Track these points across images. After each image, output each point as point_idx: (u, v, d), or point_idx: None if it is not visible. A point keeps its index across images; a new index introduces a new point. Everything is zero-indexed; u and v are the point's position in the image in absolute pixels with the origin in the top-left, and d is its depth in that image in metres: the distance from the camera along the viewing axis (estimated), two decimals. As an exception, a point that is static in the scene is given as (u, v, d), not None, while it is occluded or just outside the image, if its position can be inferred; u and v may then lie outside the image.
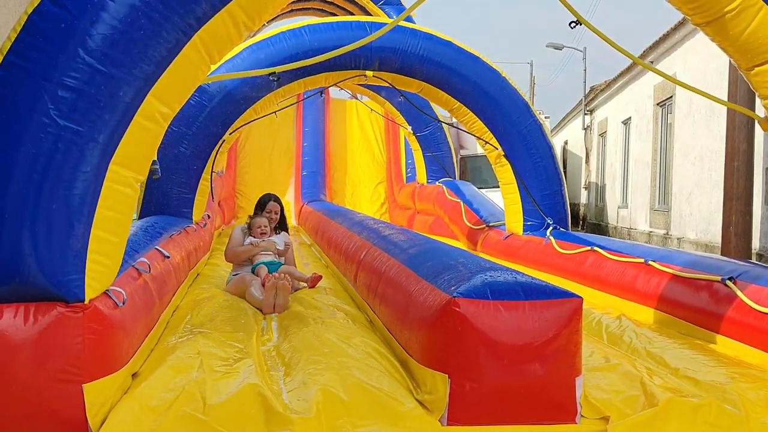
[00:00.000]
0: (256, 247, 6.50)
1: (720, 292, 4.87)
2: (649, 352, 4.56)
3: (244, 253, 6.55)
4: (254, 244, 6.52)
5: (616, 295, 6.16)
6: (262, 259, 6.45)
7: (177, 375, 3.75)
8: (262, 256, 6.49)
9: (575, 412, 3.44)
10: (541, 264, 7.78)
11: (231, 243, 6.68)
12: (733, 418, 3.44)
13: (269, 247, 6.55)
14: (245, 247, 6.58)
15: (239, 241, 6.63)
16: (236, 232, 6.78)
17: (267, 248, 6.53)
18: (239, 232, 6.76)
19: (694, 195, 14.05)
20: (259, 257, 6.49)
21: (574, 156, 27.87)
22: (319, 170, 15.23)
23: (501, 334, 3.35)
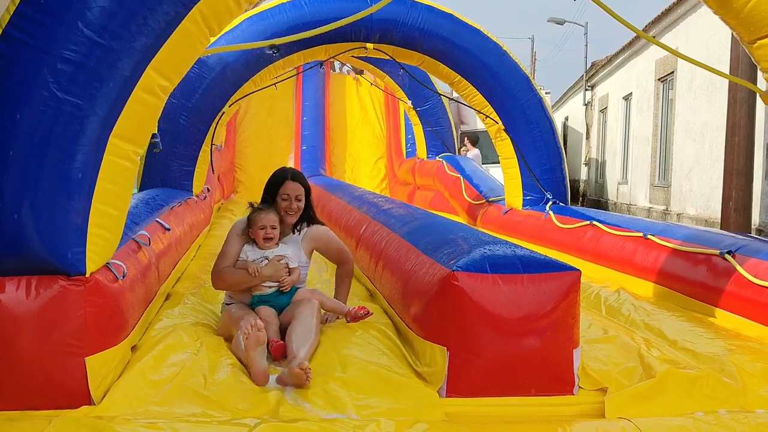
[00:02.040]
0: (256, 279, 4.13)
1: (719, 265, 4.89)
2: (648, 325, 4.60)
3: (235, 283, 4.20)
4: (253, 271, 4.12)
5: (615, 268, 6.19)
6: (263, 290, 4.19)
7: (178, 350, 3.77)
8: (266, 288, 4.20)
9: (573, 384, 3.48)
10: (541, 238, 7.80)
11: (221, 258, 4.27)
12: (730, 390, 3.47)
13: (276, 274, 4.15)
14: (238, 276, 4.16)
15: (233, 254, 4.25)
16: (231, 236, 4.33)
17: (273, 276, 4.15)
18: (235, 236, 4.32)
19: (694, 171, 14.04)
20: (257, 287, 4.21)
21: (574, 132, 27.80)
22: (318, 145, 15.19)
23: (499, 308, 3.37)
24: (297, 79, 15.45)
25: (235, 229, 4.35)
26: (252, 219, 4.20)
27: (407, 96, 13.41)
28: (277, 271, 4.13)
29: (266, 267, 4.14)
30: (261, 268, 4.11)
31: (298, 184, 4.37)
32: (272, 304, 4.13)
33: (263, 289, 4.18)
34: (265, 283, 4.16)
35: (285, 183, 4.35)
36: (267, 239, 4.18)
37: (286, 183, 4.35)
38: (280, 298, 4.18)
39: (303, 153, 15.02)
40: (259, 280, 4.11)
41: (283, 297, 4.17)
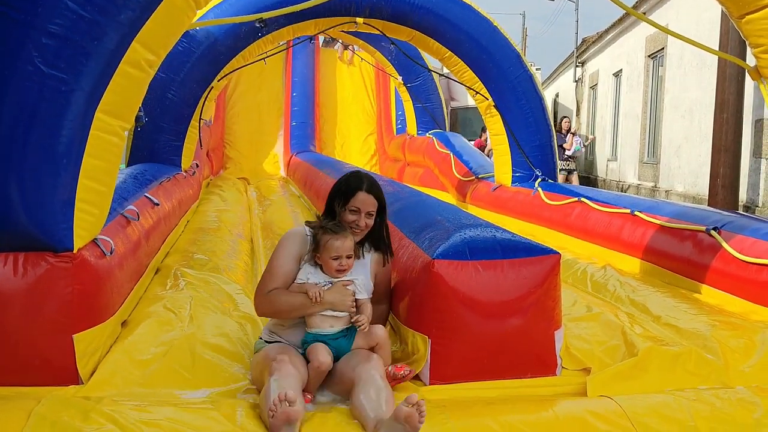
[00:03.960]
0: (317, 305, 3.27)
1: (704, 242, 4.92)
2: (633, 301, 4.63)
3: (288, 309, 3.31)
4: (315, 295, 3.25)
5: (602, 245, 6.22)
6: (326, 329, 3.31)
7: (166, 328, 3.77)
8: (324, 319, 3.31)
9: (555, 365, 3.48)
10: (530, 215, 7.83)
11: (270, 277, 3.38)
12: (712, 366, 3.50)
13: (341, 302, 3.31)
14: (292, 300, 3.29)
15: (287, 275, 3.36)
16: (284, 252, 3.41)
17: (336, 303, 3.30)
18: (291, 253, 3.40)
19: (682, 148, 14.07)
20: (317, 320, 3.31)
21: (565, 109, 27.76)
22: (308, 121, 15.13)
23: (479, 294, 3.34)
24: (287, 54, 15.36)
25: (289, 243, 3.40)
26: (324, 245, 3.29)
27: (398, 72, 13.36)
28: (343, 299, 3.29)
29: (329, 291, 3.28)
30: (323, 292, 3.27)
31: (373, 197, 3.46)
32: (329, 347, 3.24)
33: (322, 325, 3.29)
34: (326, 316, 3.29)
35: (357, 194, 3.42)
36: (340, 271, 3.33)
37: (358, 194, 3.42)
38: (341, 341, 3.29)
39: (293, 129, 14.98)
40: (319, 308, 3.25)
41: (344, 341, 3.30)
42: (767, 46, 3.78)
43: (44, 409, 2.69)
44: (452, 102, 18.38)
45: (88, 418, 2.65)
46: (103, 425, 2.62)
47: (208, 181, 11.57)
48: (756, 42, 3.82)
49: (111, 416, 2.67)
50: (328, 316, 3.29)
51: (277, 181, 13.29)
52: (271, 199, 10.25)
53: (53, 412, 2.69)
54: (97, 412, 2.70)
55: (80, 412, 2.69)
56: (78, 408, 2.73)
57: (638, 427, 2.86)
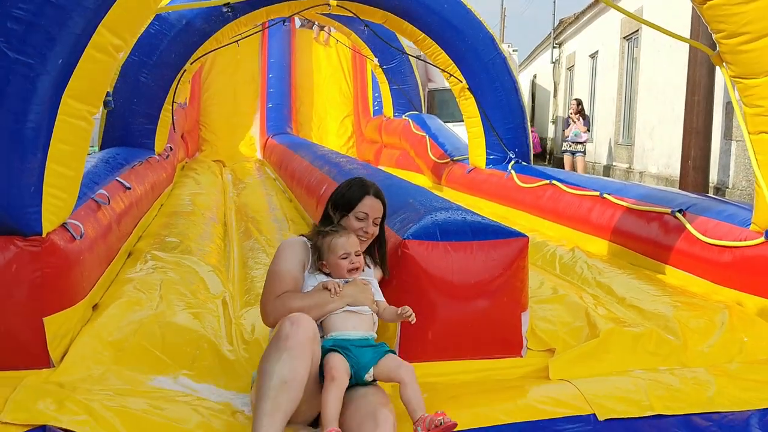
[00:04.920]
0: (337, 299, 2.99)
1: (670, 223, 5.01)
2: (599, 283, 4.72)
3: (307, 308, 2.92)
4: (334, 288, 3.00)
5: (572, 227, 6.31)
6: (348, 330, 2.97)
7: (136, 308, 3.80)
8: (346, 318, 2.99)
9: (521, 346, 3.56)
10: (503, 198, 7.90)
11: (276, 281, 3.08)
12: (671, 347, 3.60)
13: (361, 296, 3.06)
14: (309, 298, 2.99)
15: (295, 278, 3.08)
16: (290, 254, 3.15)
17: (357, 298, 3.04)
18: (296, 256, 3.14)
19: (656, 129, 14.21)
20: (338, 320, 2.99)
21: (542, 90, 27.86)
22: (284, 102, 15.08)
23: (449, 274, 3.41)
24: (262, 35, 15.28)
25: (290, 249, 3.13)
26: (331, 246, 3.04)
27: (374, 54, 13.35)
28: (362, 293, 3.05)
29: (349, 285, 3.04)
30: (343, 286, 3.02)
31: (380, 202, 3.26)
32: (350, 354, 2.85)
33: (344, 326, 2.95)
34: (349, 312, 2.99)
35: (364, 198, 3.21)
36: (353, 270, 3.07)
37: (365, 199, 3.21)
38: (367, 351, 2.89)
39: (269, 111, 14.93)
40: (340, 302, 2.97)
41: (370, 351, 2.90)
42: (728, 32, 3.85)
43: (20, 397, 2.72)
44: (429, 84, 18.37)
45: (63, 407, 2.68)
46: (78, 414, 2.65)
47: (183, 164, 11.53)
48: (717, 27, 3.89)
49: (86, 405, 2.71)
50: (351, 311, 2.97)
51: (253, 164, 13.27)
52: (246, 182, 10.25)
53: (28, 399, 2.72)
54: (72, 400, 2.73)
55: (55, 400, 2.72)
56: (53, 396, 2.76)
57: (596, 408, 2.93)
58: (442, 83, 18.20)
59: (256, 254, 5.33)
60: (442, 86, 18.00)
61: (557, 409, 2.91)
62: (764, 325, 3.87)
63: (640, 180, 14.50)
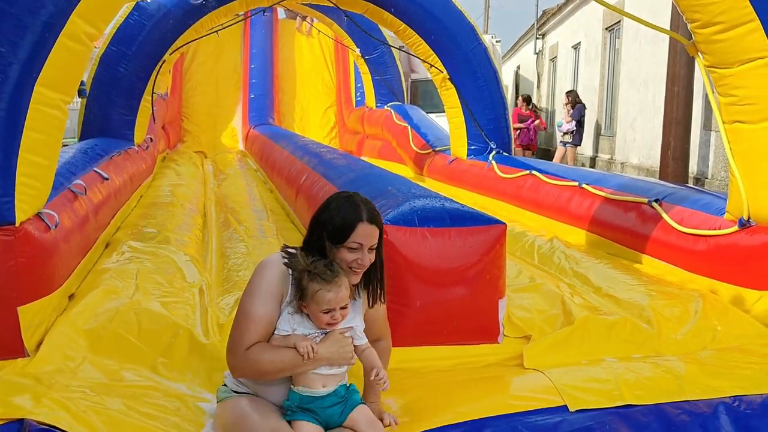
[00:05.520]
0: (309, 363, 2.63)
1: (647, 213, 5.04)
2: (575, 272, 4.75)
3: (274, 371, 2.65)
4: (307, 351, 2.61)
5: (552, 217, 6.33)
6: (317, 389, 2.67)
7: (112, 297, 3.79)
8: (316, 378, 2.67)
9: (498, 333, 3.59)
10: (484, 188, 7.92)
11: (246, 325, 2.67)
12: (645, 335, 3.63)
13: (340, 354, 2.68)
14: (278, 358, 2.63)
15: (266, 322, 2.68)
16: (265, 287, 2.71)
17: (334, 358, 2.67)
18: (272, 288, 2.71)
19: (637, 120, 14.27)
20: (307, 378, 2.67)
21: (526, 81, 27.90)
22: (267, 93, 15.02)
23: (427, 260, 3.44)
24: (244, 26, 15.20)
25: (266, 280, 2.70)
26: (316, 297, 2.62)
27: (356, 44, 13.31)
28: (341, 351, 2.66)
29: (324, 343, 2.65)
30: (316, 345, 2.63)
31: (376, 227, 2.76)
32: (318, 417, 2.64)
33: (313, 385, 2.65)
34: (319, 375, 2.66)
35: (357, 227, 2.70)
36: (331, 324, 2.69)
37: (359, 227, 2.70)
38: (334, 411, 2.66)
39: (251, 101, 14.86)
40: (312, 365, 2.62)
41: (337, 408, 2.67)
42: (702, 21, 3.87)
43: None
44: (412, 74, 18.35)
45: (40, 403, 2.67)
46: (55, 411, 2.64)
47: (164, 155, 11.48)
48: (692, 17, 3.92)
49: (63, 403, 2.70)
50: (323, 374, 2.65)
51: (234, 155, 13.22)
52: (227, 173, 10.22)
53: (5, 393, 2.71)
54: (49, 398, 2.72)
55: (33, 397, 2.71)
56: (30, 392, 2.75)
57: (567, 399, 2.92)
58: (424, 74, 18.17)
59: (235, 244, 5.33)
60: (425, 77, 17.99)
61: (529, 403, 2.91)
62: (737, 312, 3.91)
63: (621, 171, 14.56)
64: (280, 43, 15.89)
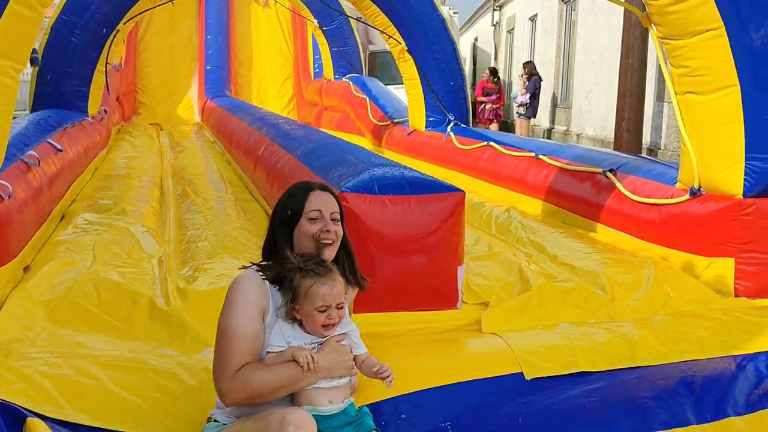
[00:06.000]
0: (310, 375, 2.40)
1: (601, 183, 5.13)
2: (532, 241, 4.82)
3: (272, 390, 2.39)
4: (307, 362, 2.38)
5: (509, 188, 6.40)
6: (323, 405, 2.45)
7: (69, 268, 3.75)
8: (320, 393, 2.45)
9: (457, 299, 3.65)
10: (442, 159, 7.96)
11: (232, 345, 2.41)
12: (600, 301, 3.72)
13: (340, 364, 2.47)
14: (275, 375, 2.39)
15: (254, 338, 2.44)
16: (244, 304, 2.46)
17: (334, 368, 2.46)
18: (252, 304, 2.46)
19: (593, 92, 14.43)
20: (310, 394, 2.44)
21: (483, 53, 27.96)
22: (223, 65, 14.81)
23: (387, 227, 3.48)
24: (198, -5, 14.96)
25: (244, 296, 2.46)
26: (310, 292, 2.41)
27: (314, 15, 13.19)
28: (341, 360, 2.46)
29: (322, 352, 2.43)
30: (316, 355, 2.41)
31: (331, 195, 2.66)
32: None
33: (319, 401, 2.42)
34: (322, 388, 2.43)
35: (309, 195, 2.61)
36: (329, 326, 2.46)
37: (310, 195, 2.61)
38: (345, 430, 2.44)
39: (207, 73, 14.66)
40: (313, 378, 2.40)
41: (348, 430, 2.44)
42: (656, -7, 3.93)
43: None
44: (370, 46, 18.26)
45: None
46: (15, 383, 2.60)
47: (119, 127, 11.30)
48: (645, -12, 3.98)
49: (22, 373, 2.66)
50: (325, 388, 2.42)
51: (191, 127, 13.07)
52: (183, 145, 10.11)
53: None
54: (7, 367, 2.68)
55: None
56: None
57: (524, 366, 2.95)
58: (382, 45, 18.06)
59: (193, 215, 5.29)
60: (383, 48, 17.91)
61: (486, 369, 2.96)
62: (688, 279, 4.02)
63: (577, 142, 14.74)
64: (236, 14, 15.65)
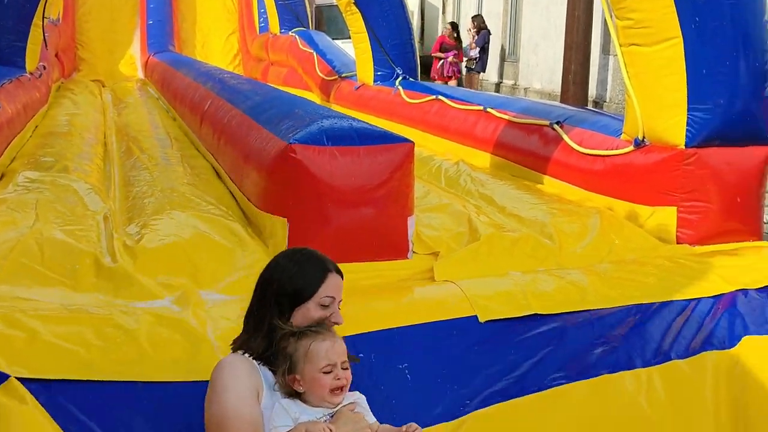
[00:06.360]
0: None
1: (548, 135, 5.18)
2: (481, 194, 4.86)
3: None
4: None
5: (458, 141, 6.43)
6: None
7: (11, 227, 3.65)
8: None
9: (407, 249, 3.69)
10: (391, 114, 7.93)
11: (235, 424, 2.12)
12: (547, 249, 3.80)
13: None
14: None
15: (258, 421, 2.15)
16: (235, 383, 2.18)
17: None
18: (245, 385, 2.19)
19: (540, 46, 14.51)
20: None
21: (431, 7, 27.74)
22: (165, 19, 14.42)
23: (336, 179, 3.48)
24: (140, -55, 14.48)
25: (234, 377, 2.18)
26: (309, 353, 2.19)
27: (257, -33, 12.93)
28: (356, 427, 2.21)
29: (337, 423, 2.17)
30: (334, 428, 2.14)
31: (341, 277, 2.41)
32: None
33: None
34: None
35: (328, 277, 2.33)
36: (337, 390, 2.22)
37: (329, 277, 2.33)
38: None
39: (149, 28, 14.26)
40: None
41: None
42: (602, -56, 3.95)
43: None
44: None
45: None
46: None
47: (59, 84, 10.97)
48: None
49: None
50: None
51: (134, 84, 12.76)
52: (126, 102, 9.88)
53: None
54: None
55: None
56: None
57: (478, 310, 3.03)
58: (329, -1, 17.89)
59: (139, 172, 5.20)
60: (330, 2, 17.70)
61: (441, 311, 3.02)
62: (632, 227, 4.11)
63: (525, 96, 14.83)
64: (177, -35, 15.22)
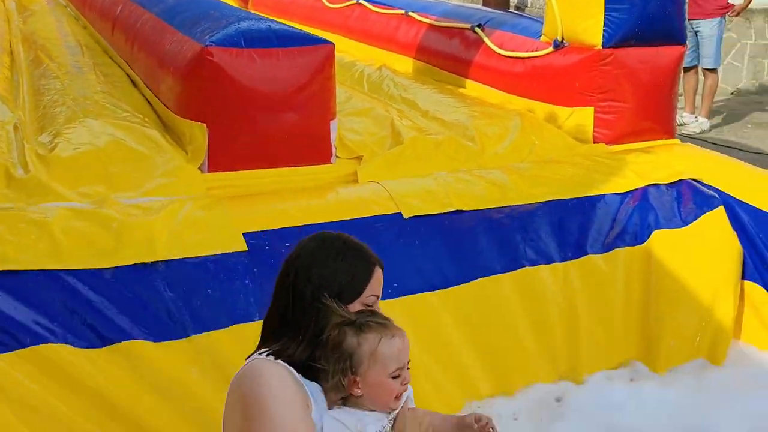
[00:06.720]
0: None
1: (470, 39, 5.15)
2: (404, 98, 4.85)
3: None
4: None
5: (380, 47, 6.36)
6: None
7: None
8: None
9: (330, 154, 3.67)
10: (311, 20, 7.76)
11: None
12: (469, 151, 3.86)
13: None
14: None
15: None
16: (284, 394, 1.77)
17: None
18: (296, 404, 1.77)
19: (462, -50, 14.28)
20: None
21: None
22: None
23: (256, 82, 3.39)
24: None
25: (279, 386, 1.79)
26: (377, 354, 1.83)
27: None
28: None
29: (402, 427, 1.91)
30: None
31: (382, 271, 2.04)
32: None
33: None
34: None
35: (374, 272, 1.98)
36: (401, 396, 1.91)
37: (375, 272, 1.99)
38: None
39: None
40: None
41: None
42: None
43: None
44: None
45: None
46: None
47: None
48: None
49: None
50: None
51: (39, -10, 12.07)
52: (32, 9, 9.32)
53: None
54: None
55: None
56: None
57: (402, 207, 3.13)
58: None
59: (49, 81, 4.96)
60: None
61: (366, 209, 3.06)
62: (552, 129, 4.19)
63: (447, 2, 14.69)
64: None
